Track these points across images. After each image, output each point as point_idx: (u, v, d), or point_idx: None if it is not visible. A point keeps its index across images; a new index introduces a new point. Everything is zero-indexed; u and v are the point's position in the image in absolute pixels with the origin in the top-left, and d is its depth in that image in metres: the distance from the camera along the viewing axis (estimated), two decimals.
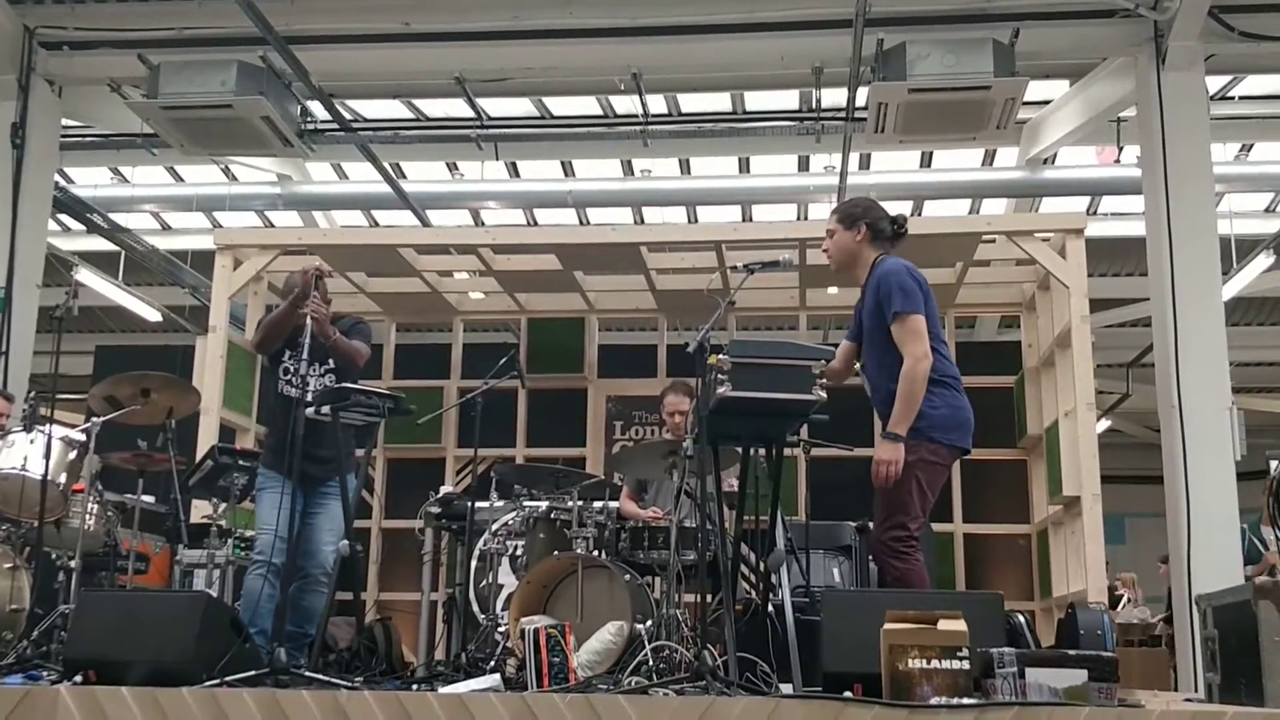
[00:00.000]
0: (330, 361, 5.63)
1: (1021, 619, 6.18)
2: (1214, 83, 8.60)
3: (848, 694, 3.85)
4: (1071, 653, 3.53)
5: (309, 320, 5.08)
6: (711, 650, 4.53)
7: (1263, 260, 10.02)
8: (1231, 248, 10.07)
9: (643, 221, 11.51)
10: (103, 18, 7.93)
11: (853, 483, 7.63)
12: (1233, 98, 9.33)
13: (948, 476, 4.81)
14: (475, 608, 6.47)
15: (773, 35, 7.74)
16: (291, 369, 5.48)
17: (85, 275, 10.57)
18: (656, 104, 8.85)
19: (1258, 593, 3.26)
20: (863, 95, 7.58)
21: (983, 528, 8.39)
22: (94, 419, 5.93)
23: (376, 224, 11.77)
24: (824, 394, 4.43)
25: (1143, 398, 12.87)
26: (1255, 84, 9.19)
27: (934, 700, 3.39)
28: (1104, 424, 14.00)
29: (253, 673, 4.43)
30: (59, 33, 7.95)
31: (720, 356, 4.39)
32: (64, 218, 10.59)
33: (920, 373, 4.49)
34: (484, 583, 6.41)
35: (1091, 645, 5.98)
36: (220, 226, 11.54)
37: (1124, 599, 10.82)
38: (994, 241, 7.84)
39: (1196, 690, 6.24)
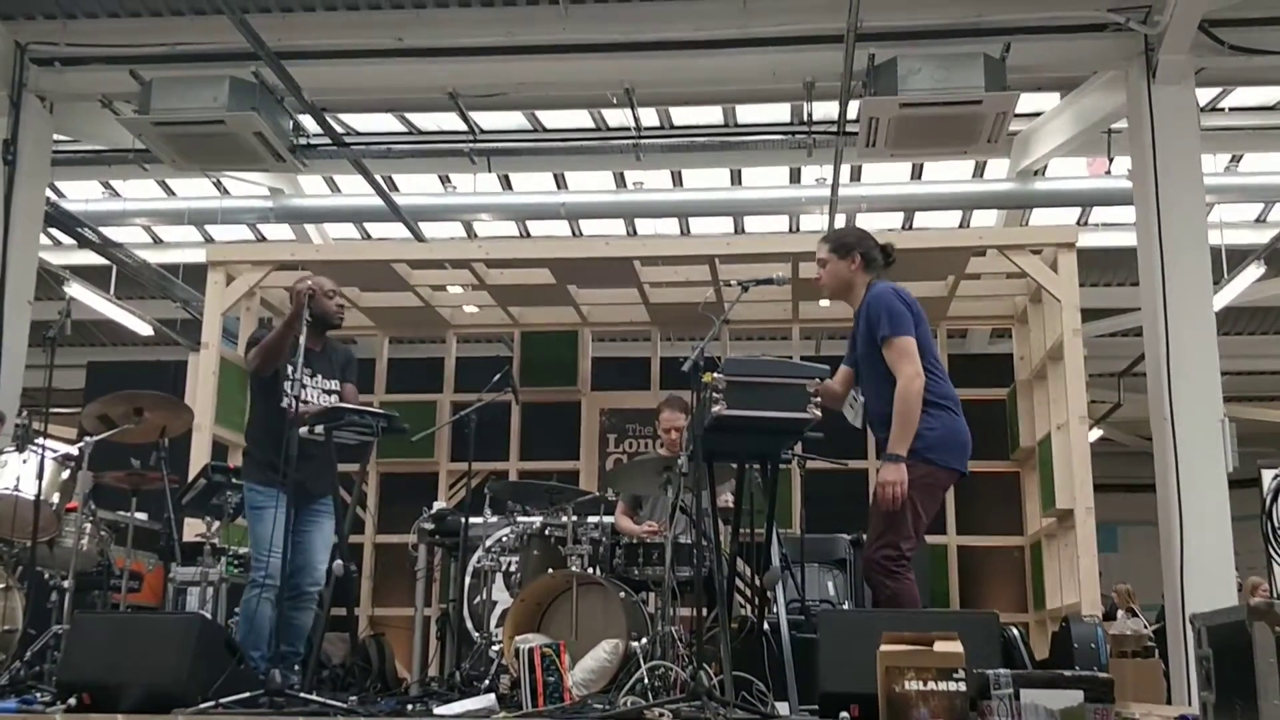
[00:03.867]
0: (333, 383, 5.64)
1: (1015, 632, 6.20)
2: (1204, 94, 8.62)
3: (844, 714, 3.86)
4: (1067, 674, 3.53)
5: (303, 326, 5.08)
6: (707, 669, 4.52)
7: (1253, 270, 10.05)
8: (1222, 258, 10.07)
9: (635, 233, 11.52)
10: (95, 34, 7.90)
11: (847, 495, 7.68)
12: (1223, 109, 9.36)
13: (943, 498, 4.81)
14: (469, 624, 6.48)
15: (765, 50, 7.74)
16: (306, 384, 5.43)
17: (76, 289, 10.54)
18: (649, 116, 8.86)
19: (1252, 615, 3.26)
20: (854, 109, 7.60)
21: (976, 540, 8.41)
22: (87, 438, 5.92)
23: (369, 236, 11.78)
24: (819, 412, 4.45)
25: (1134, 407, 12.87)
26: (1245, 95, 9.22)
27: None
28: (1096, 433, 14.01)
29: (248, 694, 4.43)
30: (51, 49, 7.92)
31: (715, 375, 4.40)
32: (54, 232, 10.57)
33: (914, 391, 4.50)
34: (478, 599, 6.41)
35: (1086, 658, 5.99)
36: (212, 240, 11.54)
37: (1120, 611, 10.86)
38: (984, 254, 7.86)
39: (1190, 704, 6.26)
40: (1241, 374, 14.11)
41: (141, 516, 6.60)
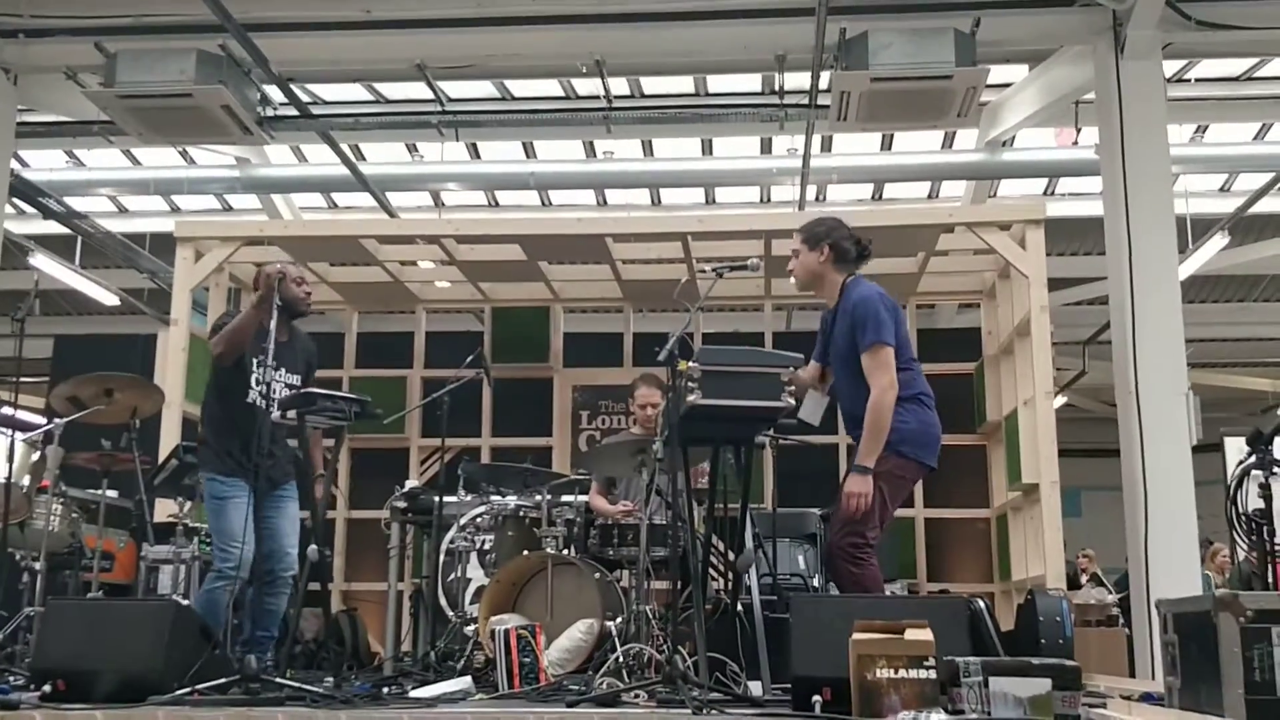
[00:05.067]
0: (296, 378, 5.60)
1: (981, 604, 6.28)
2: (1170, 65, 8.64)
3: (816, 698, 3.91)
4: (1035, 661, 3.60)
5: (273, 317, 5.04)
6: (682, 652, 4.57)
7: (1218, 240, 10.16)
8: (1187, 227, 10.18)
9: (605, 203, 11.52)
10: (59, 4, 7.76)
11: (818, 470, 7.74)
12: (1189, 80, 9.42)
13: (911, 490, 4.88)
14: (443, 602, 6.51)
15: (736, 22, 7.73)
16: (259, 377, 5.38)
17: (41, 260, 10.44)
18: (619, 85, 8.82)
19: (1218, 605, 3.33)
20: (825, 82, 7.60)
21: (943, 512, 8.50)
22: (57, 419, 5.89)
23: (335, 206, 11.71)
24: (793, 400, 4.49)
25: (1098, 374, 13.02)
26: (1211, 66, 9.28)
27: (902, 714, 3.45)
28: (1060, 399, 14.16)
29: (223, 680, 4.45)
30: (14, 20, 7.78)
31: (690, 364, 4.44)
32: (17, 201, 10.44)
33: (887, 404, 4.55)
34: (452, 576, 6.44)
35: (1051, 631, 6.07)
36: (178, 209, 11.44)
37: (1084, 577, 11.02)
38: (952, 231, 7.89)
39: (1154, 675, 6.37)
40: (1205, 340, 14.28)
41: (112, 494, 6.56)
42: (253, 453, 5.04)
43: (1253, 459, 4.30)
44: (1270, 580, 4.62)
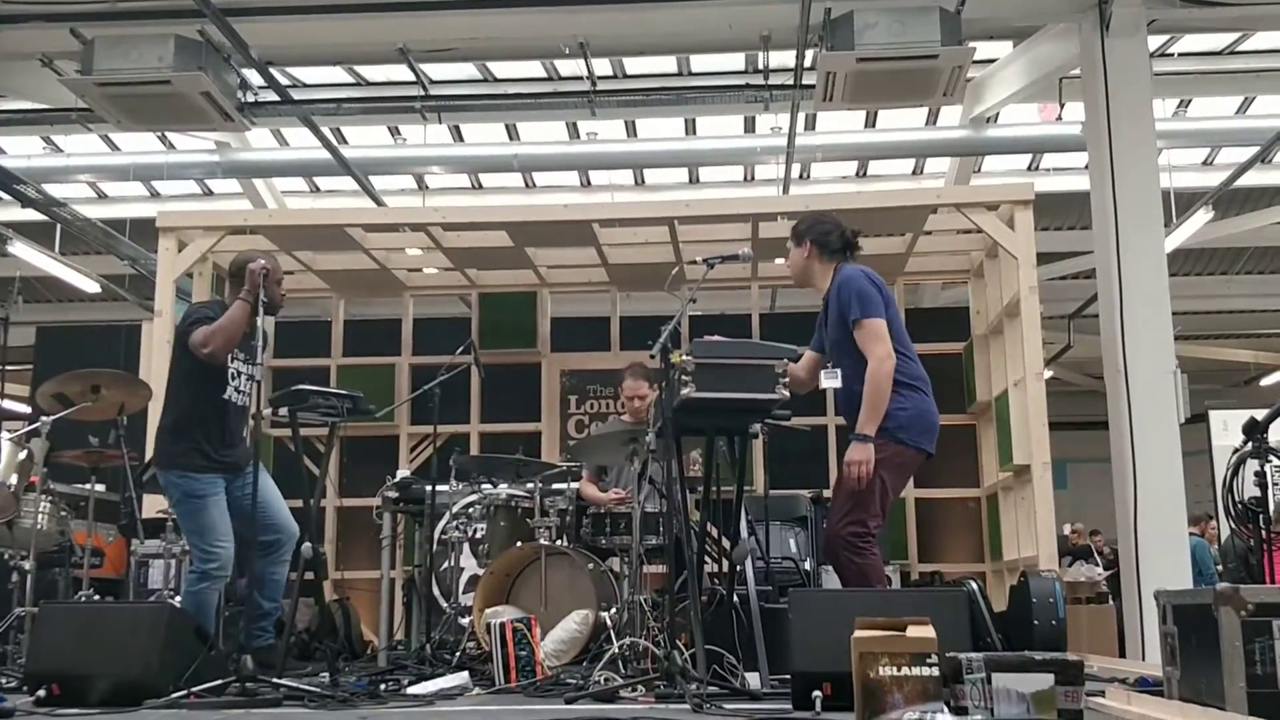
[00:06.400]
0: (258, 369, 5.50)
1: (974, 585, 6.29)
2: (1154, 39, 8.61)
3: (816, 694, 3.91)
4: (1038, 657, 3.59)
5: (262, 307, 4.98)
6: (680, 646, 4.56)
7: (1202, 215, 10.18)
8: (1170, 201, 10.17)
9: (589, 184, 11.46)
10: None
11: (807, 452, 7.74)
12: (1172, 54, 9.41)
13: (910, 476, 4.87)
14: (436, 591, 6.50)
15: (720, 2, 7.67)
16: (241, 372, 5.30)
17: (20, 248, 10.31)
18: (601, 65, 8.76)
19: (1218, 599, 3.33)
20: (810, 60, 7.56)
21: (933, 492, 8.49)
22: (43, 417, 5.82)
23: (318, 189, 11.62)
24: (787, 393, 4.46)
25: (1084, 347, 13.05)
26: (1194, 40, 9.26)
27: (906, 712, 3.44)
28: (1046, 373, 14.18)
29: (219, 681, 4.42)
30: None
31: (684, 356, 4.40)
32: None
33: (884, 373, 4.53)
34: (445, 565, 6.42)
35: (1044, 612, 6.09)
36: (158, 195, 11.33)
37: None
38: (936, 212, 7.87)
39: (1143, 652, 6.42)
40: (1188, 313, 14.33)
41: (100, 488, 6.50)
42: (234, 446, 5.03)
43: (1249, 447, 4.30)
44: (1269, 562, 4.63)
